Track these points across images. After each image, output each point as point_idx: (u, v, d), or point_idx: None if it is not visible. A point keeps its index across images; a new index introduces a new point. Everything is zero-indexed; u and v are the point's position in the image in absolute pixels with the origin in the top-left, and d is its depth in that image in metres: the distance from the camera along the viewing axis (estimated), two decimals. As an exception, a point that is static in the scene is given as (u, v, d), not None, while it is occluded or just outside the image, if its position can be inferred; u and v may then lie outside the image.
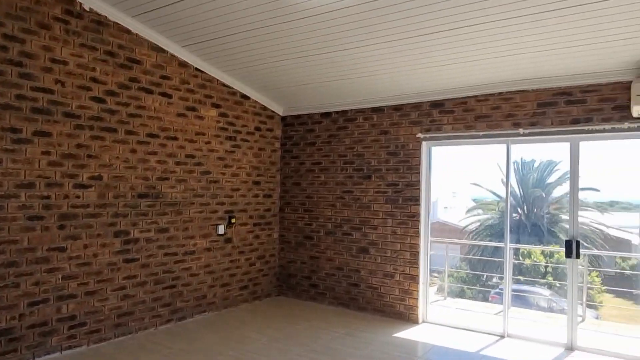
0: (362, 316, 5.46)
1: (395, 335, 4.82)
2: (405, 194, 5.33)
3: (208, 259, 5.34)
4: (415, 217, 5.26)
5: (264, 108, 6.07)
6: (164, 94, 4.78)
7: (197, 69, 5.08)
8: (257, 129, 5.99)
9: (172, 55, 4.81)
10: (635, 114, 3.98)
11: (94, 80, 4.17)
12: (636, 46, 3.65)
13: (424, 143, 5.24)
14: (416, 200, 5.26)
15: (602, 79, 4.18)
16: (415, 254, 5.26)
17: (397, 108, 5.39)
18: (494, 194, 17.89)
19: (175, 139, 4.91)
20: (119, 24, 4.30)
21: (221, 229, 5.47)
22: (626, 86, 4.04)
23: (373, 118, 5.58)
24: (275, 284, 6.34)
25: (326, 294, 5.94)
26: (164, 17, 4.13)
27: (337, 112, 5.87)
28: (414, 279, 5.26)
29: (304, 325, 5.05)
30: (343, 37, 4.04)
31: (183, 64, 4.93)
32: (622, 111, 4.11)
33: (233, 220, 5.60)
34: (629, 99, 3.95)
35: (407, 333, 4.90)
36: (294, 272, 6.23)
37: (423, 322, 5.26)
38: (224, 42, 4.44)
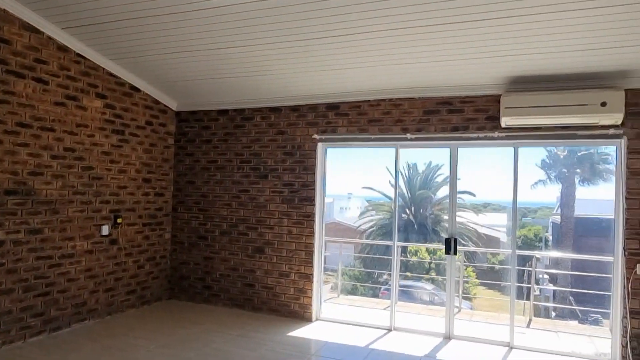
0: (257, 317, 5.42)
1: (289, 334, 4.85)
2: (301, 194, 5.40)
3: (90, 262, 4.91)
4: (310, 217, 5.35)
5: (156, 102, 5.76)
6: (38, 80, 4.30)
7: (79, 55, 4.65)
8: (149, 123, 5.65)
9: (50, 38, 4.34)
10: (503, 124, 4.46)
11: (-50, 59, 3.62)
12: (504, 64, 4.09)
13: (319, 144, 5.36)
14: (311, 200, 5.35)
15: (478, 92, 4.62)
16: (310, 253, 5.35)
17: (294, 109, 5.45)
18: (385, 195, 18.90)
19: (51, 130, 4.45)
20: (-16, -3, 3.78)
21: (105, 230, 5.07)
22: (497, 99, 4.52)
23: (270, 118, 5.58)
24: (167, 287, 6.04)
25: (220, 295, 5.80)
26: (40, -6, 3.72)
27: (234, 110, 5.77)
28: (309, 277, 5.35)
29: (196, 329, 4.87)
30: (236, 34, 3.97)
31: (63, 48, 4.48)
32: (493, 121, 4.58)
33: (119, 220, 5.22)
34: (499, 111, 4.41)
35: (301, 331, 4.96)
36: (187, 274, 5.99)
37: (317, 319, 5.37)
38: (110, 27, 4.12)
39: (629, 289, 4.12)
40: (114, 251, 5.21)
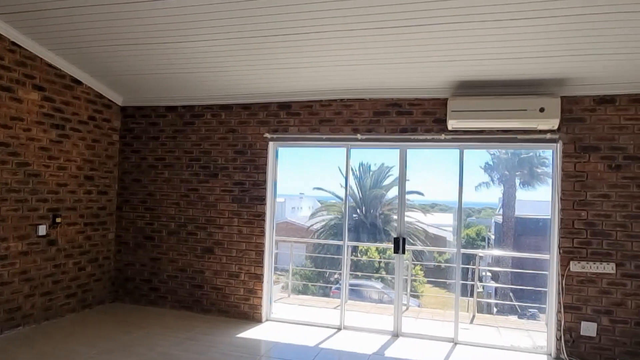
0: (206, 318, 5.31)
1: (239, 335, 4.79)
2: (251, 194, 5.34)
3: (25, 265, 4.62)
4: (261, 216, 5.31)
5: (100, 96, 5.51)
6: (-32, 69, 4.00)
7: (14, 43, 4.37)
8: (92, 118, 5.40)
9: (-19, 25, 4.05)
10: (450, 127, 4.61)
11: None
12: (450, 69, 4.23)
13: (270, 143, 5.32)
14: (262, 199, 5.31)
15: (426, 95, 4.75)
16: (260, 253, 5.30)
17: (245, 107, 5.38)
18: (336, 195, 19.07)
19: (-18, 123, 4.15)
20: None
21: (43, 230, 4.79)
22: (444, 102, 4.66)
23: (221, 115, 5.48)
24: (110, 290, 5.79)
25: (168, 297, 5.63)
26: (-30, -23, 3.46)
27: (183, 107, 5.62)
28: (259, 278, 5.30)
29: (141, 333, 4.70)
30: (186, 28, 3.86)
31: (-4, 37, 4.20)
32: (440, 124, 4.73)
33: (58, 220, 4.95)
34: (446, 114, 4.56)
35: (251, 332, 4.91)
36: (132, 276, 5.78)
37: (267, 320, 5.33)
38: (49, 15, 3.88)
39: (563, 285, 4.37)
40: (53, 252, 4.94)
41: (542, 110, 4.19)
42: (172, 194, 5.66)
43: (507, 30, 3.46)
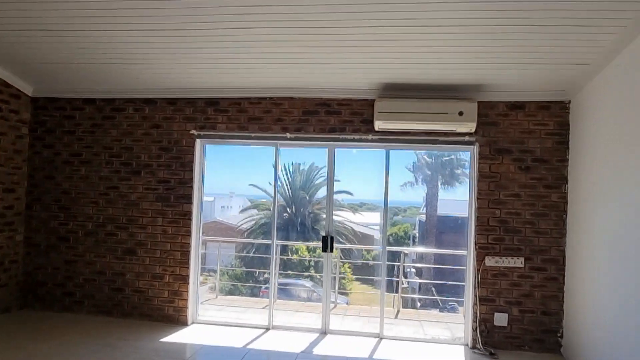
0: (127, 323, 5.04)
1: (162, 340, 4.60)
2: (177, 192, 5.16)
3: None
4: (187, 215, 5.14)
5: (6, 85, 5.05)
6: None
7: None
8: (-4, 109, 4.94)
9: None
10: (377, 128, 4.74)
11: None
12: (377, 71, 4.35)
13: (198, 140, 5.16)
14: (189, 198, 5.14)
15: (354, 95, 4.85)
16: (186, 254, 5.13)
17: (171, 102, 5.18)
18: (268, 194, 18.95)
19: None
20: None
21: None
22: (371, 103, 4.78)
23: (144, 110, 5.23)
24: (18, 296, 5.33)
25: (84, 302, 5.28)
26: None
27: (103, 100, 5.30)
28: (185, 279, 5.13)
29: (54, 342, 4.37)
30: (106, 15, 3.61)
31: None
32: (368, 124, 4.85)
33: (-45, 221, 4.48)
34: (373, 115, 4.68)
35: (175, 336, 4.73)
36: (44, 280, 5.35)
37: (193, 323, 5.17)
38: (-54, -6, 3.50)
39: (479, 279, 4.65)
40: (-52, 257, 4.45)
41: (461, 113, 4.43)
42: (89, 192, 5.32)
43: (431, 37, 3.62)
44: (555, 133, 4.60)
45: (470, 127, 4.53)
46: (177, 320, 5.10)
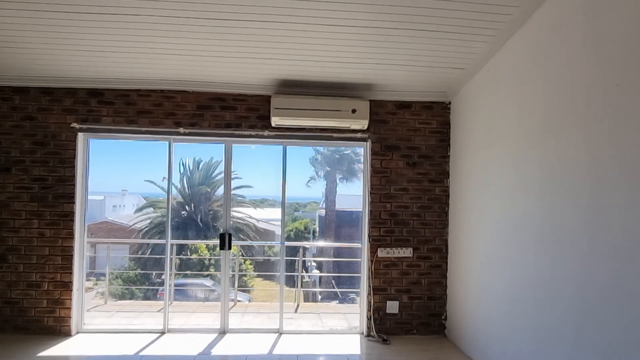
0: (-4, 339, 4.50)
1: (41, 354, 4.17)
2: (56, 191, 4.70)
3: None
4: (69, 216, 4.70)
5: None
6: None
7: None
8: None
9: None
10: (273, 124, 4.74)
11: None
12: (272, 67, 4.34)
13: (80, 134, 4.74)
14: (70, 197, 4.71)
15: (249, 91, 4.79)
16: (68, 258, 4.70)
17: (47, 91, 4.68)
18: (165, 190, 18.10)
19: None
20: None
21: None
22: (267, 99, 4.76)
23: (14, 99, 4.67)
24: None
25: (-60, 319, 4.60)
26: None
27: (-38, 87, 4.64)
28: (67, 286, 4.70)
29: None
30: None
31: None
32: (264, 120, 4.82)
33: None
34: (270, 111, 4.67)
35: (57, 349, 4.32)
36: None
37: (78, 333, 4.76)
38: None
39: (372, 269, 4.88)
40: None
41: (354, 111, 4.60)
42: (-54, 193, 4.63)
43: (324, 35, 3.69)
44: (438, 131, 4.97)
45: (362, 124, 4.72)
46: (59, 331, 4.66)
